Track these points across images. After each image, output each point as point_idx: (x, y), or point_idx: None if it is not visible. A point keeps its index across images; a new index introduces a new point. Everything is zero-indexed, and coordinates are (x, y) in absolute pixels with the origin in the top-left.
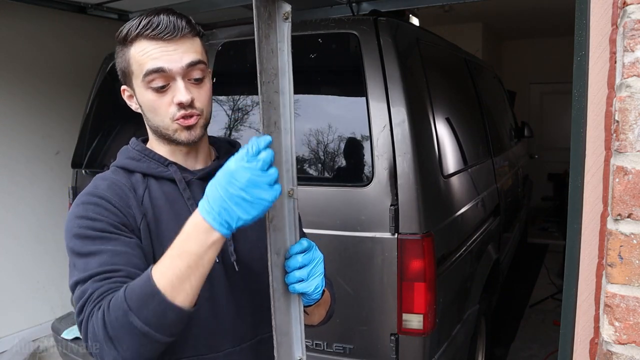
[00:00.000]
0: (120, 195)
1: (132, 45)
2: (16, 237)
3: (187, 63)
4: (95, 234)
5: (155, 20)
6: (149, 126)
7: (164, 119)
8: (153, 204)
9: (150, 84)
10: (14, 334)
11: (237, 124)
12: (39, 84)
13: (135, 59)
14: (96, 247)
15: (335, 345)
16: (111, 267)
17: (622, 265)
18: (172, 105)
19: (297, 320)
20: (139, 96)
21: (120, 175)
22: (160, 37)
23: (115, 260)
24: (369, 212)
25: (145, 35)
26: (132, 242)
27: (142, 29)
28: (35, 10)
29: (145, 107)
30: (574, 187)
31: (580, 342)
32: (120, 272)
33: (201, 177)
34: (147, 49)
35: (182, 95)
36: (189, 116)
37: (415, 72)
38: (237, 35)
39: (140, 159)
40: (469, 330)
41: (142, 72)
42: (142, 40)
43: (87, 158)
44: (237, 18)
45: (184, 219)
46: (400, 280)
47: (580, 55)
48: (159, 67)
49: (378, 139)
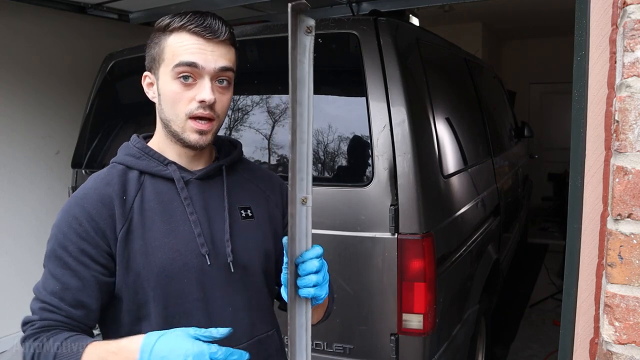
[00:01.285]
0: (105, 205)
1: (172, 35)
2: (16, 237)
3: (220, 67)
4: (62, 256)
5: (202, 17)
6: (161, 119)
7: (179, 114)
8: (144, 206)
9: (179, 75)
10: (14, 334)
11: (237, 124)
12: (39, 84)
13: (171, 48)
14: (57, 271)
15: (335, 345)
16: (56, 303)
17: (622, 265)
18: (194, 101)
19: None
20: (163, 85)
21: (115, 174)
22: (202, 35)
23: (63, 294)
24: (369, 212)
25: (189, 28)
26: (87, 274)
27: (187, 22)
28: (35, 10)
29: (166, 97)
30: (574, 187)
31: (580, 342)
32: (62, 311)
33: (200, 177)
34: (186, 41)
35: (206, 93)
36: (206, 118)
37: (415, 72)
38: (237, 35)
39: (140, 156)
40: (469, 330)
41: (174, 61)
42: (183, 32)
43: (87, 158)
44: (237, 18)
45: (178, 220)
46: (400, 280)
47: (580, 55)
48: (192, 62)
49: (378, 139)
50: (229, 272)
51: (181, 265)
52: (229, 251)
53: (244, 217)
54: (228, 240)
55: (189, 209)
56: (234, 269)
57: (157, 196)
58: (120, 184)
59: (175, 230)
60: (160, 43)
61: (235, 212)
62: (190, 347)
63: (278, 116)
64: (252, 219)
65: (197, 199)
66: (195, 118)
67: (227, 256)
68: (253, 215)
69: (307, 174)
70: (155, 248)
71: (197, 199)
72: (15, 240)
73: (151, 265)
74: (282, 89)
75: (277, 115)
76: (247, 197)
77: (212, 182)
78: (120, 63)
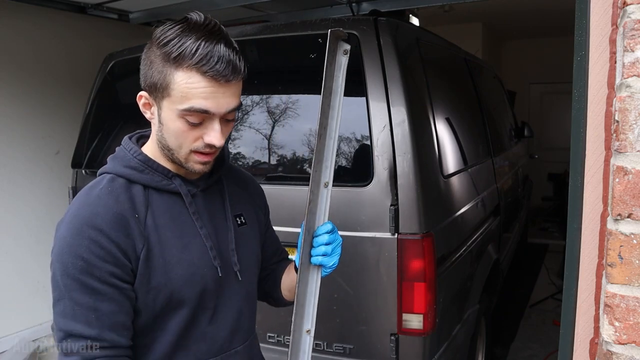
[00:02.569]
0: (120, 224)
1: (181, 70)
2: (16, 237)
3: (231, 109)
4: (89, 283)
5: (216, 55)
6: (159, 141)
7: (183, 148)
8: (157, 223)
9: (187, 117)
10: (14, 334)
11: (237, 124)
12: (39, 84)
13: (181, 88)
14: (86, 300)
15: (335, 345)
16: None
17: (622, 265)
18: (200, 140)
19: (312, 294)
20: (166, 117)
21: (120, 188)
22: (217, 79)
23: (101, 323)
24: (369, 212)
25: (201, 70)
26: (120, 295)
27: (200, 61)
28: (35, 10)
29: (169, 130)
30: (574, 187)
31: (580, 342)
32: (105, 341)
33: (203, 189)
34: (198, 84)
35: (216, 139)
36: (210, 154)
37: (415, 72)
38: (237, 35)
39: (143, 170)
40: (469, 330)
41: (183, 105)
42: (194, 73)
43: (87, 158)
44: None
45: (189, 234)
46: (400, 280)
47: (580, 55)
48: (205, 109)
49: (378, 139)
50: (236, 281)
51: (200, 278)
52: (235, 260)
53: (239, 224)
54: (234, 249)
55: (199, 223)
56: (240, 277)
57: (165, 211)
58: (129, 201)
59: (189, 244)
60: (164, 73)
61: (233, 221)
62: None
63: (278, 116)
64: (245, 225)
65: (203, 211)
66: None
67: (233, 265)
68: (246, 221)
69: (330, 163)
70: (174, 265)
71: (203, 212)
72: (15, 240)
73: (172, 281)
74: (282, 89)
75: (277, 115)
76: (238, 203)
77: (211, 192)
78: (120, 63)
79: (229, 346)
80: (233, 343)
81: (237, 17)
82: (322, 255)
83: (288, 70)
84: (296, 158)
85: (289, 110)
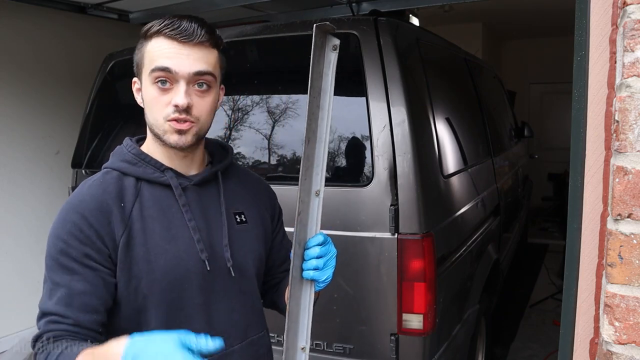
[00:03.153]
0: (103, 211)
1: (151, 40)
2: (16, 237)
3: (195, 71)
4: (65, 262)
5: (178, 22)
6: (147, 123)
7: (157, 117)
8: (143, 213)
9: (156, 80)
10: (14, 334)
11: (237, 124)
12: (39, 84)
13: (149, 54)
14: (60, 277)
15: (335, 345)
16: (62, 311)
17: (622, 265)
18: (169, 105)
19: (305, 309)
20: (144, 90)
21: (110, 180)
22: (177, 38)
23: (70, 300)
24: (369, 212)
25: (164, 33)
26: (95, 277)
27: (163, 26)
28: (35, 10)
29: (146, 102)
30: (574, 187)
31: (580, 342)
32: (68, 319)
33: (196, 183)
34: (162, 46)
35: (179, 98)
36: (182, 120)
37: (415, 72)
38: (237, 35)
39: (135, 162)
40: (469, 330)
41: (151, 66)
42: (160, 37)
43: (87, 158)
44: (237, 18)
45: (177, 226)
46: (400, 280)
47: (580, 55)
48: (166, 67)
49: (378, 139)
50: (229, 277)
51: (183, 271)
52: (228, 256)
53: (238, 222)
54: (227, 245)
55: (188, 215)
56: (234, 273)
57: (155, 203)
58: (117, 191)
59: (176, 236)
60: (141, 49)
61: (230, 218)
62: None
63: (278, 116)
64: (246, 224)
65: (194, 205)
66: (172, 120)
67: (226, 261)
68: (247, 220)
69: (322, 170)
70: (157, 255)
71: (195, 205)
72: (15, 240)
73: (154, 271)
74: (282, 89)
75: (277, 115)
76: (240, 202)
77: (207, 187)
78: (120, 63)
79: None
80: (228, 343)
81: (237, 17)
82: (313, 269)
83: (288, 70)
84: (296, 158)
85: (289, 110)
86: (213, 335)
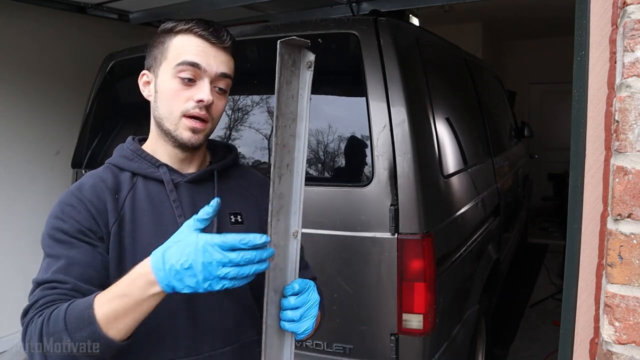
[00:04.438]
0: (99, 197)
1: (178, 35)
2: (16, 237)
3: (221, 72)
4: (62, 237)
5: (208, 24)
6: (155, 117)
7: (174, 111)
8: (135, 206)
9: (180, 73)
10: (14, 334)
11: (237, 124)
12: (38, 84)
13: (176, 47)
14: (58, 250)
15: (335, 345)
16: (61, 278)
17: (622, 265)
18: (191, 100)
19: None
20: (161, 82)
21: (109, 173)
22: (207, 39)
23: (68, 269)
24: (369, 212)
25: (195, 32)
26: (92, 251)
27: (194, 25)
28: (35, 10)
29: (163, 94)
30: (574, 187)
31: (580, 342)
32: (67, 284)
33: (190, 181)
34: (192, 43)
35: (205, 94)
36: (200, 119)
37: (415, 72)
38: (237, 35)
39: (132, 158)
40: (469, 330)
41: (177, 60)
42: (190, 35)
43: (87, 158)
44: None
45: (167, 222)
46: (400, 280)
47: (580, 55)
48: (196, 62)
49: (378, 139)
50: None
51: None
52: None
53: (233, 222)
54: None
55: (178, 211)
56: None
57: (148, 197)
58: (114, 182)
59: (165, 232)
60: (165, 42)
61: (224, 217)
62: (196, 240)
63: None
64: (241, 225)
65: (186, 202)
66: (190, 117)
67: None
68: (243, 222)
69: (299, 208)
70: (143, 247)
71: (187, 202)
72: (15, 240)
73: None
74: None
75: None
76: (238, 203)
77: (203, 186)
78: (120, 63)
79: (212, 346)
80: (216, 344)
81: (237, 17)
82: (289, 321)
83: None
84: None
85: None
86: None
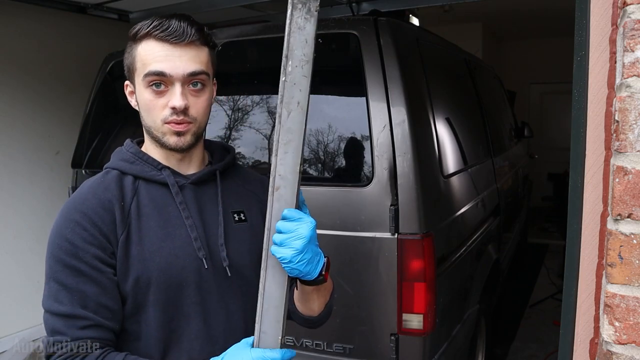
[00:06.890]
0: (106, 209)
1: (141, 43)
2: (16, 237)
3: (189, 72)
4: (72, 263)
5: (167, 22)
6: (144, 126)
7: (155, 120)
8: (140, 211)
9: (150, 84)
10: (14, 334)
11: (237, 124)
12: (38, 84)
13: (141, 57)
14: (70, 280)
15: (335, 345)
16: (81, 313)
17: (622, 265)
18: (166, 108)
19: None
20: (138, 94)
21: (111, 180)
22: (168, 40)
23: (85, 302)
24: (369, 212)
25: (154, 35)
26: (104, 277)
27: (152, 28)
28: (35, 10)
29: (142, 106)
30: (574, 187)
31: (580, 342)
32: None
33: (194, 182)
34: (153, 49)
35: (176, 100)
36: (180, 122)
37: (415, 72)
38: (237, 35)
39: (133, 161)
40: (469, 330)
41: (144, 71)
42: (150, 40)
43: (87, 158)
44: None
45: (174, 224)
46: (400, 280)
47: (580, 55)
48: (160, 71)
49: (378, 139)
50: (225, 276)
51: (179, 269)
52: (224, 255)
53: (236, 220)
54: (222, 244)
55: (185, 213)
56: (230, 273)
57: (152, 201)
58: (118, 189)
59: (172, 234)
60: (132, 52)
61: (228, 216)
62: None
63: None
64: (244, 223)
65: (191, 203)
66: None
67: (222, 260)
68: (246, 219)
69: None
70: (152, 253)
71: (192, 204)
72: (15, 240)
73: (149, 269)
74: None
75: None
76: (240, 202)
77: (205, 186)
78: (120, 63)
79: (223, 346)
80: (228, 344)
81: (237, 17)
82: (273, 244)
83: None
84: None
85: None
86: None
